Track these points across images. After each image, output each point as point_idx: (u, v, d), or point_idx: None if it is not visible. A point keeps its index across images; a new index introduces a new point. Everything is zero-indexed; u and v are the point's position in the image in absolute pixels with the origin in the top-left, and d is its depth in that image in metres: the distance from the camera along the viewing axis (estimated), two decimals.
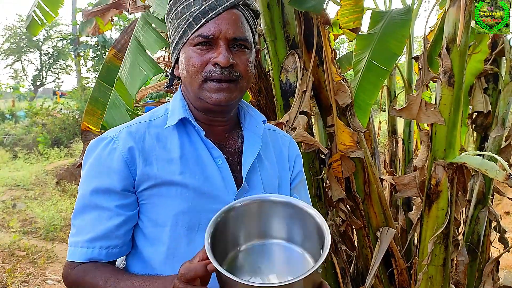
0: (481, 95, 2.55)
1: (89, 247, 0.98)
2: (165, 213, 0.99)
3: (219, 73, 0.97)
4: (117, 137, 1.02)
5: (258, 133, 1.10)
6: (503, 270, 3.73)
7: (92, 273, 0.96)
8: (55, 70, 30.06)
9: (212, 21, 0.97)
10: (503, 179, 1.77)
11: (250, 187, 1.06)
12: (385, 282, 2.34)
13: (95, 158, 1.02)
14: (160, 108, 1.11)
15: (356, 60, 2.53)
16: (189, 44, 0.99)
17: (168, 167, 1.00)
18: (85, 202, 1.00)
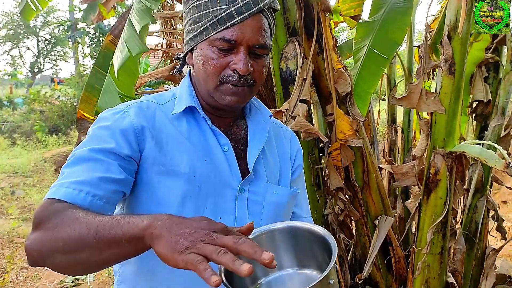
0: (481, 84, 2.54)
1: (76, 189, 0.87)
2: (172, 193, 0.97)
3: (237, 79, 0.97)
4: (127, 109, 1.01)
5: (264, 127, 1.12)
6: (499, 259, 3.76)
7: (72, 209, 0.83)
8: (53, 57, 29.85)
9: (237, 26, 0.95)
10: (502, 168, 1.77)
11: (255, 177, 1.07)
12: (382, 270, 2.36)
13: (104, 122, 0.99)
14: (167, 93, 1.10)
15: (356, 48, 2.51)
16: (208, 42, 0.97)
17: (178, 146, 1.00)
18: (83, 155, 0.93)
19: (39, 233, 0.83)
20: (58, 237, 0.80)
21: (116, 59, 1.97)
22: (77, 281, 3.99)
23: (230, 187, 1.02)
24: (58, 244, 0.80)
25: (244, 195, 1.04)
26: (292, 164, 1.20)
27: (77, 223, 0.79)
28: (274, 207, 1.08)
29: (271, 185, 1.09)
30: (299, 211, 1.20)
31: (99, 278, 4.06)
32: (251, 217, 1.05)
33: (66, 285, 3.91)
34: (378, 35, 2.43)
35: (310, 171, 2.11)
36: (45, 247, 0.81)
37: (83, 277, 4.04)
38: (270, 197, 1.07)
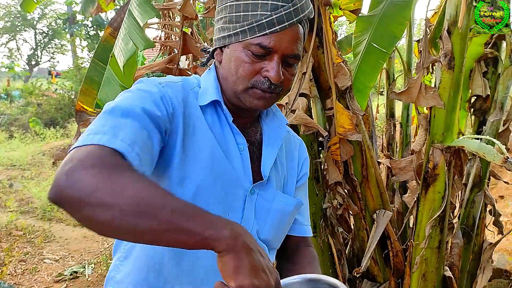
0: (480, 79, 2.54)
1: (130, 145, 0.80)
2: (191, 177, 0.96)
3: (267, 86, 0.97)
4: (165, 85, 0.99)
5: (280, 135, 1.13)
6: (496, 253, 3.79)
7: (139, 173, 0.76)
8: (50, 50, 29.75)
9: (275, 34, 0.95)
10: (500, 163, 1.78)
11: (266, 182, 1.07)
12: (380, 263, 2.37)
13: (147, 84, 0.96)
14: (192, 79, 1.10)
15: (356, 42, 2.51)
16: (243, 45, 0.97)
17: (203, 135, 0.99)
18: (133, 110, 0.86)
19: (94, 177, 0.70)
20: (125, 193, 0.70)
21: (119, 51, 1.96)
22: (75, 273, 4.00)
23: (242, 187, 1.03)
24: (120, 200, 0.69)
25: (254, 197, 1.05)
26: (298, 173, 1.21)
27: (148, 188, 0.72)
28: (279, 215, 1.08)
29: (279, 193, 1.10)
30: (301, 218, 1.21)
31: (97, 271, 4.07)
32: (257, 220, 1.05)
33: (65, 278, 3.93)
34: (378, 29, 2.43)
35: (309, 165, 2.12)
36: (98, 196, 0.69)
37: (82, 269, 4.05)
38: (277, 205, 1.08)
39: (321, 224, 2.24)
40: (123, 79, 2.18)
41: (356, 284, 2.46)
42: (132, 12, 2.07)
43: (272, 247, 1.12)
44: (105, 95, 2.17)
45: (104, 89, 2.18)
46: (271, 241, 1.09)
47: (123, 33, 2.03)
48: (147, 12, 2.01)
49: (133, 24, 2.02)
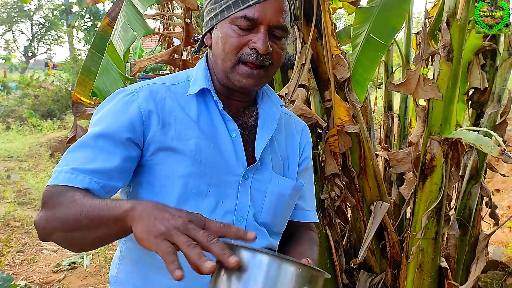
0: (478, 71, 2.55)
1: (74, 173, 0.91)
2: (176, 174, 0.98)
3: (255, 58, 0.97)
4: (137, 91, 1.01)
5: (274, 116, 1.12)
6: (492, 245, 3.82)
7: (72, 191, 0.88)
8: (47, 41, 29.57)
9: (259, 5, 0.95)
10: (497, 155, 1.79)
11: (261, 165, 1.07)
12: (377, 254, 2.39)
13: (110, 104, 1.00)
14: (181, 73, 1.11)
15: (354, 34, 2.51)
16: (229, 20, 0.98)
17: (186, 130, 1.00)
18: (85, 141, 0.96)
19: (44, 212, 0.90)
20: (57, 216, 0.86)
21: (118, 39, 1.96)
22: (74, 264, 4.02)
23: (234, 173, 1.03)
24: (57, 223, 0.87)
25: (248, 181, 1.05)
26: (300, 156, 1.20)
27: (73, 204, 0.85)
28: (276, 197, 1.08)
29: (276, 175, 1.09)
30: (303, 204, 1.20)
31: (95, 261, 4.09)
32: (253, 204, 1.05)
33: (63, 268, 3.94)
34: (377, 21, 2.43)
35: None
36: (48, 225, 0.88)
37: (80, 260, 4.07)
38: (274, 187, 1.08)
39: (319, 216, 2.26)
40: (121, 67, 2.17)
41: (353, 275, 2.49)
42: (132, 0, 2.06)
43: (274, 232, 1.11)
44: (103, 84, 2.17)
45: (101, 78, 2.17)
46: (271, 225, 1.09)
47: (121, 21, 2.02)
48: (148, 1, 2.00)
49: (133, 12, 2.01)
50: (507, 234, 4.32)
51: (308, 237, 1.17)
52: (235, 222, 1.02)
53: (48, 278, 3.75)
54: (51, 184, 0.91)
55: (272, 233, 1.10)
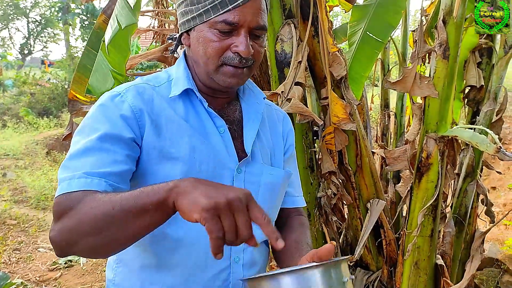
0: (474, 69, 2.55)
1: (88, 177, 0.87)
2: (174, 172, 0.97)
3: (238, 61, 0.97)
4: (125, 92, 1.00)
5: (259, 109, 1.14)
6: (488, 243, 3.83)
7: (91, 194, 0.85)
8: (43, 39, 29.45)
9: (238, 9, 0.95)
10: (493, 152, 1.80)
11: (252, 158, 1.08)
12: (373, 252, 2.39)
13: (102, 106, 0.98)
14: (162, 74, 1.10)
15: (351, 32, 2.51)
16: (209, 24, 0.97)
17: (178, 129, 1.00)
18: (90, 145, 0.92)
19: (63, 222, 0.84)
20: (84, 220, 0.81)
21: (107, 34, 1.95)
22: (70, 262, 4.01)
23: (227, 168, 1.04)
24: (85, 227, 0.82)
25: (241, 175, 1.06)
26: (284, 144, 1.22)
27: (99, 203, 0.81)
28: (269, 187, 1.10)
29: (267, 166, 1.11)
30: (292, 190, 1.23)
31: (91, 259, 4.08)
32: None
33: (59, 266, 3.93)
34: (373, 18, 2.43)
35: (303, 154, 2.13)
36: (72, 234, 0.83)
37: (76, 258, 4.06)
38: (266, 178, 1.09)
39: (315, 213, 2.26)
40: (113, 64, 2.16)
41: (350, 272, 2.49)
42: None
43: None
44: (96, 81, 2.16)
45: (94, 75, 2.16)
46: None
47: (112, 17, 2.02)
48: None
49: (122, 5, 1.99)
50: (503, 231, 4.34)
51: (299, 222, 1.20)
52: None
53: (45, 276, 3.75)
54: (64, 193, 0.86)
55: None
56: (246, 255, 1.05)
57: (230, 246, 0.72)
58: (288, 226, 1.18)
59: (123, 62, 2.20)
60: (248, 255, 1.05)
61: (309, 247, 1.08)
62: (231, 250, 1.03)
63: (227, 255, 1.03)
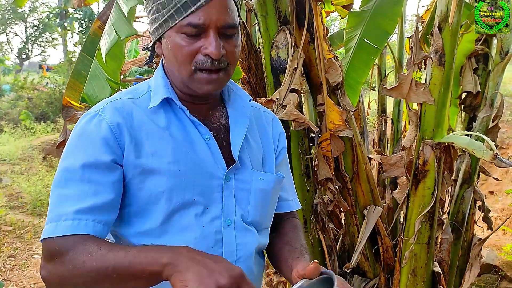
0: (471, 75, 2.55)
1: (75, 219, 0.88)
2: (157, 191, 0.96)
3: (210, 64, 0.95)
4: (102, 111, 0.98)
5: (245, 113, 1.11)
6: (486, 249, 3.83)
7: (83, 243, 0.86)
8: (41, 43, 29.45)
9: (202, 9, 0.92)
10: (490, 159, 1.79)
11: (241, 165, 1.06)
12: (370, 259, 2.38)
13: (80, 131, 0.96)
14: (142, 85, 1.08)
15: (347, 38, 2.50)
16: (175, 29, 0.95)
17: (160, 142, 0.98)
18: (72, 175, 0.92)
19: (55, 267, 0.88)
20: (76, 274, 0.85)
21: (104, 43, 1.94)
22: None
23: (215, 177, 1.01)
24: (78, 280, 0.86)
25: (231, 183, 1.03)
26: (276, 148, 1.19)
27: (92, 259, 0.84)
28: (261, 193, 1.07)
29: (257, 172, 1.08)
30: (285, 195, 1.21)
31: None
32: (238, 206, 1.04)
33: None
34: (370, 25, 2.43)
35: (299, 160, 2.12)
36: (65, 281, 0.88)
37: None
38: (257, 184, 1.07)
39: (311, 220, 2.24)
40: (109, 73, 2.15)
41: (347, 280, 2.47)
42: (118, 2, 2.05)
43: (263, 227, 1.12)
44: (92, 89, 2.15)
45: (90, 83, 2.15)
46: (260, 221, 1.09)
47: (108, 25, 2.01)
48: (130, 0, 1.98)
49: (118, 15, 1.99)
50: (500, 237, 4.34)
51: (292, 224, 1.19)
52: (223, 226, 1.01)
53: (40, 283, 3.72)
54: (52, 237, 0.88)
55: (261, 229, 1.10)
56: (239, 265, 1.03)
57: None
58: (281, 230, 1.17)
59: (118, 70, 2.19)
60: (242, 266, 1.03)
61: (302, 247, 1.07)
62: None
63: None
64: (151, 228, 0.97)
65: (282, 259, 1.07)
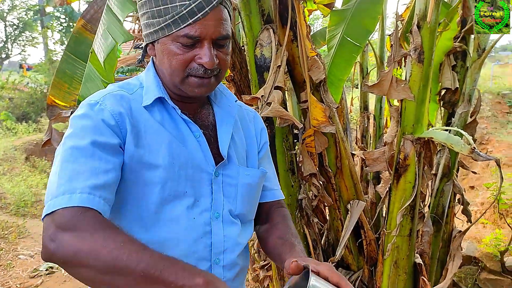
0: (449, 72, 2.62)
1: (91, 193, 0.86)
2: (154, 178, 0.99)
3: (203, 72, 0.99)
4: (102, 101, 1.00)
5: (231, 112, 1.16)
6: (466, 241, 3.92)
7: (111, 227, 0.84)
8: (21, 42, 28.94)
9: (199, 22, 0.96)
10: (467, 153, 1.85)
11: (228, 161, 1.11)
12: (354, 252, 2.43)
13: (83, 116, 0.97)
14: (133, 81, 1.11)
15: (329, 36, 2.55)
16: (171, 38, 0.98)
17: (156, 135, 1.01)
18: (82, 152, 0.91)
19: (73, 240, 0.81)
20: (100, 256, 0.80)
21: (99, 47, 1.96)
22: (51, 269, 3.96)
23: (205, 172, 1.06)
24: (97, 263, 0.80)
25: (219, 178, 1.08)
26: (258, 144, 1.24)
27: (125, 249, 0.80)
28: (247, 188, 1.12)
29: (243, 168, 1.14)
30: (270, 184, 1.26)
31: None
32: (226, 199, 1.09)
33: (40, 273, 3.88)
34: (351, 23, 2.48)
35: (284, 157, 2.15)
36: (79, 258, 0.81)
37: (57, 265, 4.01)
38: (243, 179, 1.12)
39: (296, 215, 2.28)
40: (104, 74, 2.17)
41: None
42: (111, 8, 2.06)
43: (248, 219, 1.17)
44: (87, 92, 2.17)
45: (85, 86, 2.17)
46: (246, 214, 1.14)
47: (102, 29, 2.03)
48: (126, 7, 2.00)
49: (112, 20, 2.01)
50: (480, 230, 4.45)
51: (282, 214, 1.23)
52: (212, 219, 1.06)
53: (26, 283, 3.69)
54: (68, 207, 0.84)
55: (245, 221, 1.15)
56: (226, 256, 1.07)
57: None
58: (271, 223, 1.21)
59: (111, 71, 2.21)
60: (229, 257, 1.07)
61: (293, 237, 1.12)
62: (212, 252, 1.05)
63: (208, 257, 1.05)
64: (143, 217, 0.99)
65: (275, 254, 1.12)
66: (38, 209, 5.69)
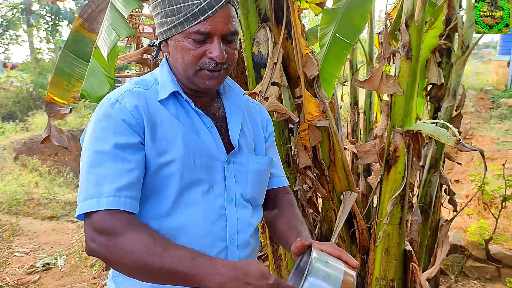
0: (435, 68, 2.74)
1: (116, 195, 0.97)
2: (172, 168, 1.07)
3: (214, 66, 1.08)
4: (121, 99, 1.08)
5: (240, 105, 1.26)
6: (452, 231, 4.06)
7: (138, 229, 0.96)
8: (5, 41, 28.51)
9: (209, 19, 1.05)
10: (453, 144, 1.96)
11: (238, 150, 1.20)
12: (347, 241, 2.53)
13: (104, 116, 1.05)
14: (148, 77, 1.19)
15: (321, 34, 2.64)
16: (184, 34, 1.07)
17: (172, 128, 1.10)
18: (105, 156, 1.00)
19: (107, 242, 0.95)
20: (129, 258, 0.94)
21: (103, 42, 2.02)
22: (48, 265, 4.00)
23: (218, 160, 1.15)
24: (129, 262, 0.94)
25: (231, 165, 1.18)
26: (264, 133, 1.34)
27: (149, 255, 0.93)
28: (256, 174, 1.22)
29: (252, 156, 1.23)
30: (277, 171, 1.36)
31: (70, 261, 4.08)
32: (238, 185, 1.18)
33: (37, 270, 3.92)
34: (342, 21, 2.57)
35: (280, 150, 2.24)
36: (115, 259, 0.96)
37: (53, 261, 4.05)
38: (253, 166, 1.21)
39: None
40: (107, 69, 2.24)
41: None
42: (115, 5, 2.13)
43: (258, 203, 1.27)
44: (90, 86, 2.24)
45: (89, 80, 2.23)
46: (256, 198, 1.24)
47: (106, 25, 2.09)
48: (130, 3, 2.08)
49: (116, 16, 2.08)
50: (466, 220, 4.60)
51: (288, 201, 1.33)
52: (226, 203, 1.15)
53: (23, 279, 3.73)
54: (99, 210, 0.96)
55: (256, 205, 1.25)
56: (240, 237, 1.16)
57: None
58: (278, 209, 1.30)
59: (113, 66, 2.28)
60: (242, 237, 1.17)
61: (299, 222, 1.22)
62: (227, 233, 1.14)
63: (224, 238, 1.14)
64: (164, 206, 1.08)
65: (283, 239, 1.22)
66: (30, 207, 5.70)
